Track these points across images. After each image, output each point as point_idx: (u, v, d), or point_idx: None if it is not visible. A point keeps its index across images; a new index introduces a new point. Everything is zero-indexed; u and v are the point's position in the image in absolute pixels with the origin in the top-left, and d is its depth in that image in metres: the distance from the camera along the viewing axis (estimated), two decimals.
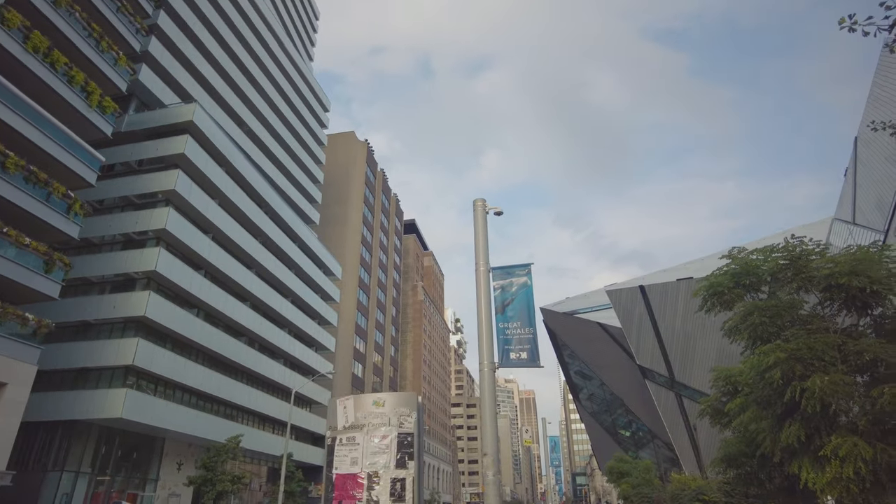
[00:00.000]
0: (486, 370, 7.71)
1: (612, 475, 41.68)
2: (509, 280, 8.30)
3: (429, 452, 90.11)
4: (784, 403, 8.15)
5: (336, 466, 7.92)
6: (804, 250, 8.62)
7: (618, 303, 56.97)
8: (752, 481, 15.01)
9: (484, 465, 7.24)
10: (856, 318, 8.40)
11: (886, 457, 7.14)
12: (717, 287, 9.25)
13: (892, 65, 36.21)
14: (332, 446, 7.94)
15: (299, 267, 49.55)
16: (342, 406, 8.15)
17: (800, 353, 7.64)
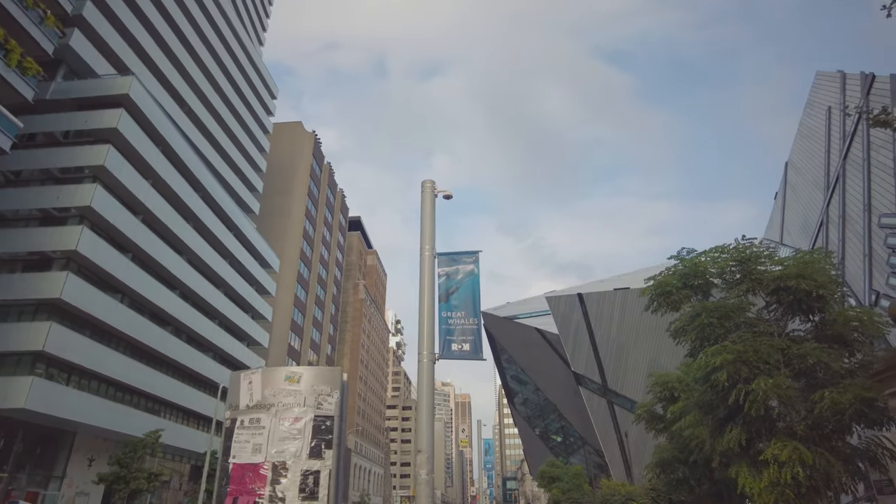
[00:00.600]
0: (426, 361, 7.17)
1: (543, 480, 41.94)
2: (455, 267, 7.80)
3: (360, 454, 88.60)
4: (727, 407, 8.03)
5: (234, 455, 6.13)
6: (754, 252, 8.58)
7: (556, 309, 57.71)
8: (683, 486, 15.12)
9: (417, 462, 6.68)
10: (798, 324, 8.40)
11: (824, 462, 7.08)
12: (665, 287, 9.10)
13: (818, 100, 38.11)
14: (232, 430, 6.35)
15: (235, 257, 47.57)
16: (246, 381, 6.53)
17: (746, 356, 7.52)
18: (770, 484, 7.48)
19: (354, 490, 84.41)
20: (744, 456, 8.14)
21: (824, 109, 36.38)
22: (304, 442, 6.10)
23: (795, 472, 7.01)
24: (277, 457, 6.04)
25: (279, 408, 6.30)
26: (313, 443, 6.15)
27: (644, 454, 47.63)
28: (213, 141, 48.97)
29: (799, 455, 7.05)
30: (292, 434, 6.14)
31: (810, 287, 7.84)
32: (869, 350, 7.73)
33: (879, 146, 26.04)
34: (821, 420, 7.45)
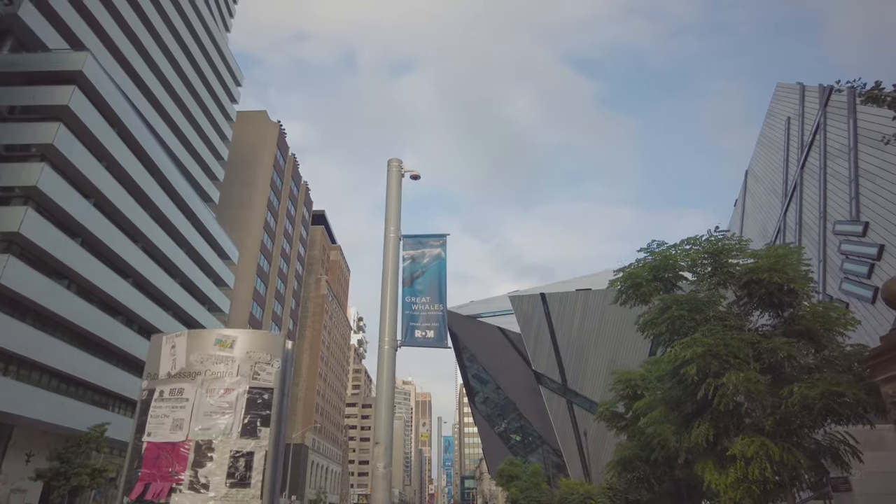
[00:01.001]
0: (388, 348, 6.76)
1: (501, 478, 41.94)
2: (421, 251, 7.41)
3: (318, 451, 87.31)
4: (695, 402, 7.87)
5: (149, 432, 5.02)
6: (726, 245, 8.48)
7: (519, 309, 57.94)
8: (644, 484, 15.09)
9: (374, 455, 6.26)
10: (767, 319, 8.34)
11: (792, 457, 6.97)
12: (635, 278, 8.92)
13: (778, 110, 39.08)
14: (148, 403, 5.20)
15: (192, 247, 46.05)
16: (169, 345, 5.40)
17: (716, 350, 7.37)
18: (736, 480, 7.36)
19: (311, 487, 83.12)
20: (710, 452, 8.01)
21: (784, 120, 37.29)
22: (236, 418, 5.00)
23: (763, 468, 6.88)
24: (202, 435, 4.92)
25: (207, 377, 5.14)
26: (247, 419, 5.07)
27: (602, 454, 48.13)
28: (174, 126, 47.31)
29: (766, 451, 6.93)
30: (221, 408, 5.02)
31: (782, 280, 7.76)
32: (835, 346, 7.69)
33: (835, 156, 26.78)
34: (788, 415, 7.36)
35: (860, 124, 24.71)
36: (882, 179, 21.44)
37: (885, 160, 21.69)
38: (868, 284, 20.18)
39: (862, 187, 22.73)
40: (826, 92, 29.70)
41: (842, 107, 27.21)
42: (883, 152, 22.25)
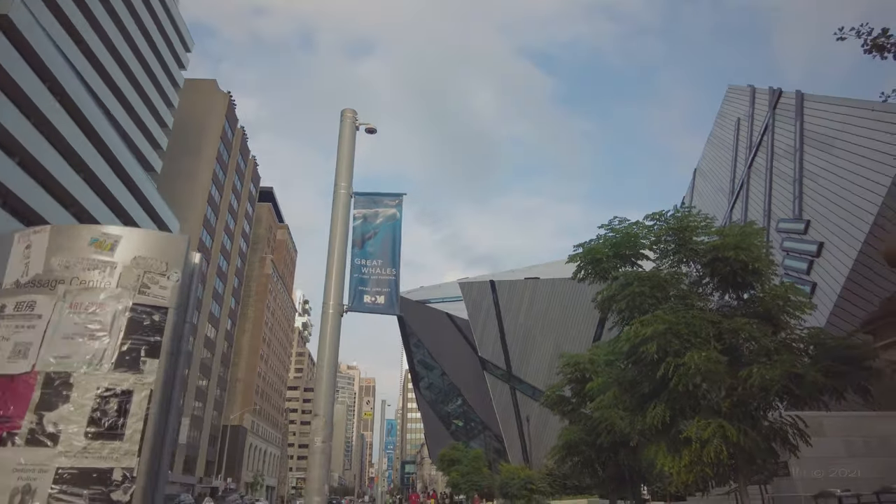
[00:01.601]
0: (332, 312, 6.21)
1: (442, 463, 41.98)
2: (374, 210, 6.87)
3: (257, 434, 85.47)
4: (653, 382, 7.69)
5: None
6: (692, 221, 8.31)
7: (468, 295, 58.06)
8: (587, 469, 15.12)
9: (312, 428, 5.72)
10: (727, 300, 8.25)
11: (749, 440, 6.88)
12: (595, 254, 8.66)
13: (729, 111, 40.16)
14: None
15: (130, 216, 43.66)
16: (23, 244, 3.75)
17: (677, 328, 7.19)
18: (690, 463, 7.22)
19: (249, 470, 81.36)
20: (664, 435, 7.87)
21: (734, 121, 38.28)
22: (111, 343, 3.46)
23: (719, 451, 6.76)
24: (57, 365, 3.34)
25: (73, 287, 3.57)
26: (126, 346, 3.52)
27: (543, 439, 48.92)
28: (115, 88, 44.52)
29: (724, 432, 6.80)
30: (90, 330, 3.44)
31: (748, 259, 7.66)
32: (792, 329, 7.66)
33: (781, 156, 27.64)
34: (746, 397, 7.28)
35: (807, 126, 25.48)
36: (824, 180, 22.17)
37: (829, 161, 22.42)
38: (807, 280, 20.86)
39: (805, 187, 23.46)
40: (776, 95, 30.53)
41: (790, 109, 28.02)
42: (827, 154, 22.98)
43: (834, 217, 20.76)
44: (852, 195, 19.92)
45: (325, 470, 5.66)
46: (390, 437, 51.91)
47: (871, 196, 19.30)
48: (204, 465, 64.66)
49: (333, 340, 6.13)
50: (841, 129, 22.54)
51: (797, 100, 27.62)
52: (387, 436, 40.81)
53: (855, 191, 19.99)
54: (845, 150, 21.74)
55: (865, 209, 19.27)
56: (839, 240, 20.04)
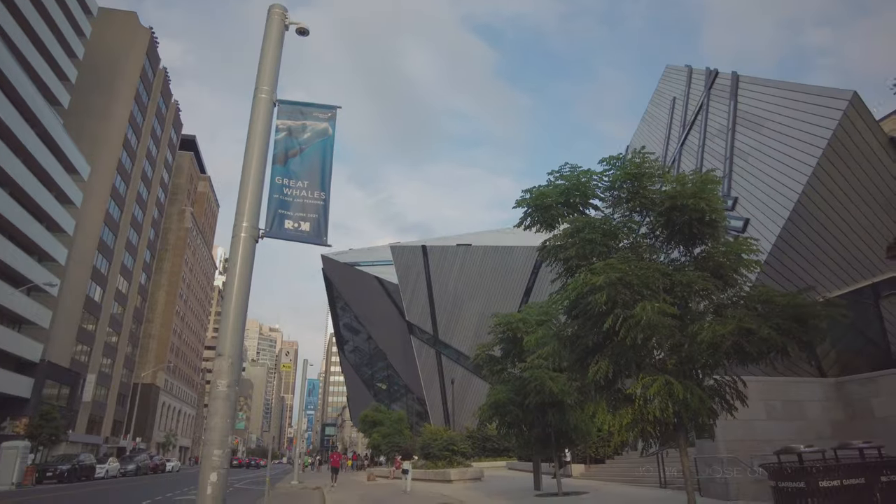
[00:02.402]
0: (245, 237, 5.29)
1: (364, 424, 41.57)
2: (302, 123, 5.93)
3: (171, 393, 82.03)
4: (598, 335, 7.26)
5: None
6: (648, 169, 7.86)
7: (399, 259, 57.34)
8: (514, 429, 14.93)
9: (216, 369, 4.85)
10: (677, 254, 7.91)
11: (695, 398, 6.59)
12: (544, 199, 8.09)
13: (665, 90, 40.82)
14: None
15: (30, 154, 39.55)
16: None
17: (629, 279, 6.75)
18: (633, 420, 6.89)
19: (160, 430, 78.12)
20: (605, 391, 7.52)
21: (669, 99, 38.90)
22: None
23: (664, 408, 6.43)
24: None
25: None
26: None
27: (465, 403, 49.48)
28: (12, 7, 39.63)
29: (670, 389, 6.47)
30: None
31: (708, 208, 7.31)
32: (740, 287, 7.42)
33: (714, 135, 28.27)
34: (693, 354, 6.98)
35: (740, 106, 26.08)
36: (754, 158, 22.76)
37: (759, 140, 23.00)
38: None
39: (735, 165, 24.05)
40: (712, 75, 31.10)
41: (725, 89, 28.61)
42: (757, 133, 23.57)
43: (761, 195, 21.38)
44: (780, 174, 20.52)
45: (230, 420, 4.81)
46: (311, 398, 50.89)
47: (797, 175, 19.92)
48: (111, 424, 61.30)
49: (245, 270, 5.23)
50: (772, 111, 23.15)
51: (732, 80, 28.22)
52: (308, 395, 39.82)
53: (782, 170, 20.60)
54: (775, 130, 22.35)
55: (791, 188, 19.89)
56: (764, 216, 20.68)
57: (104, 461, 39.17)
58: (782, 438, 11.95)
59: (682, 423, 6.91)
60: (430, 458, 25.12)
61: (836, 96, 19.30)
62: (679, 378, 6.79)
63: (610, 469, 19.41)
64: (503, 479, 21.16)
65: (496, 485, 18.75)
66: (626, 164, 7.75)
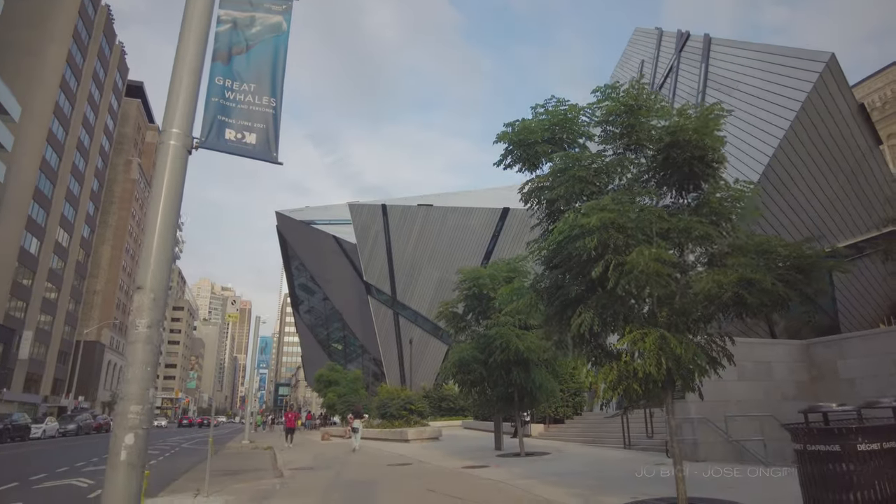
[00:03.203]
0: (175, 145, 4.28)
1: (319, 384, 40.86)
2: (250, 15, 4.87)
3: (117, 351, 79.22)
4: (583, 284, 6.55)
5: None
6: (646, 102, 7.08)
7: (358, 218, 55.93)
8: (477, 388, 14.39)
9: (135, 306, 3.89)
10: (669, 200, 7.23)
11: (688, 354, 5.99)
12: (528, 134, 7.23)
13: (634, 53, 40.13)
14: None
15: None
16: None
17: (622, 222, 6.03)
18: (618, 378, 6.26)
19: (105, 389, 75.56)
20: (585, 346, 6.87)
21: (638, 62, 38.30)
22: None
23: (658, 364, 5.82)
24: None
25: None
26: None
27: (422, 363, 49.28)
28: None
29: (663, 344, 5.84)
30: None
31: (713, 143, 6.61)
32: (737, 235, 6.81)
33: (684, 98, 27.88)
34: (686, 306, 6.37)
35: (711, 69, 25.67)
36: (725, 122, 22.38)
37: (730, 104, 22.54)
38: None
39: None
40: (683, 37, 30.54)
41: (696, 52, 28.14)
42: (728, 96, 23.16)
43: (732, 159, 21.06)
44: (751, 137, 20.24)
45: (151, 369, 3.88)
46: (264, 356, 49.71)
47: (769, 139, 19.67)
48: (52, 383, 58.68)
49: (174, 186, 4.22)
50: (745, 73, 22.79)
51: (704, 43, 27.73)
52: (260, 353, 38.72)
53: (754, 133, 20.32)
54: (747, 93, 22.02)
55: (762, 151, 19.66)
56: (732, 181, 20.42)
57: (42, 420, 37.33)
58: (750, 399, 11.78)
59: (673, 380, 6.34)
60: (387, 418, 24.63)
61: (813, 58, 18.97)
62: (674, 330, 6.18)
63: (569, 429, 19.29)
64: (461, 439, 20.87)
65: (455, 444, 18.38)
66: (622, 94, 6.95)
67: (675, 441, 6.60)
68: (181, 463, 16.73)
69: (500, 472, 10.80)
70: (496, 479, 9.87)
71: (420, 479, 10.49)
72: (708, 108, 6.94)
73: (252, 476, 12.58)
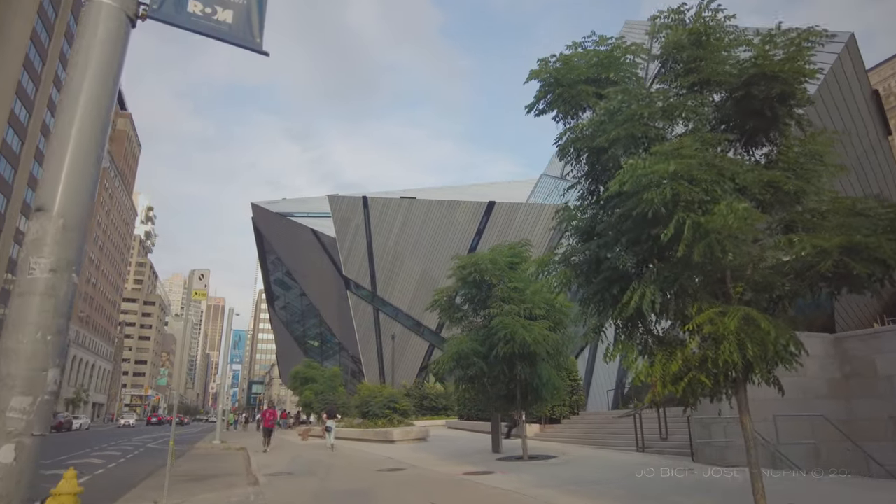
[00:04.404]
0: (112, 7, 2.78)
1: (295, 381, 39.09)
2: None
3: (83, 345, 76.05)
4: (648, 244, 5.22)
5: None
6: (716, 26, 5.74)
7: (337, 210, 54.11)
8: (476, 384, 13.03)
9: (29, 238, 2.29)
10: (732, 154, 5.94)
11: (786, 338, 4.74)
12: (568, 70, 5.90)
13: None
14: None
15: None
16: None
17: (698, 174, 4.74)
18: (681, 369, 4.98)
19: (69, 385, 72.36)
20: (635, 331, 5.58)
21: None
22: None
23: (744, 348, 4.55)
24: None
25: None
26: None
27: (402, 361, 47.78)
28: None
29: (748, 326, 4.57)
30: None
31: (807, 74, 5.29)
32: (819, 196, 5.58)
33: None
34: (770, 279, 5.11)
35: None
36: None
37: None
38: None
39: None
40: None
41: None
42: None
43: None
44: None
45: (56, 339, 2.43)
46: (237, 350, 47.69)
47: None
48: None
49: (106, 63, 2.81)
50: None
51: None
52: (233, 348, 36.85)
53: None
54: None
55: None
56: None
57: None
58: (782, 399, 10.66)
59: (754, 371, 5.08)
60: (369, 417, 23.12)
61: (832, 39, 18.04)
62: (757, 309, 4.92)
63: (567, 430, 18.05)
64: (450, 440, 19.50)
65: (446, 446, 17.00)
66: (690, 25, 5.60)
67: (751, 447, 5.34)
68: (143, 466, 15.06)
69: (509, 480, 9.46)
70: (507, 489, 8.54)
71: (419, 489, 9.09)
72: (803, 32, 5.63)
73: (222, 482, 11.05)
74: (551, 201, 45.08)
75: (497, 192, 52.79)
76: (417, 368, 48.43)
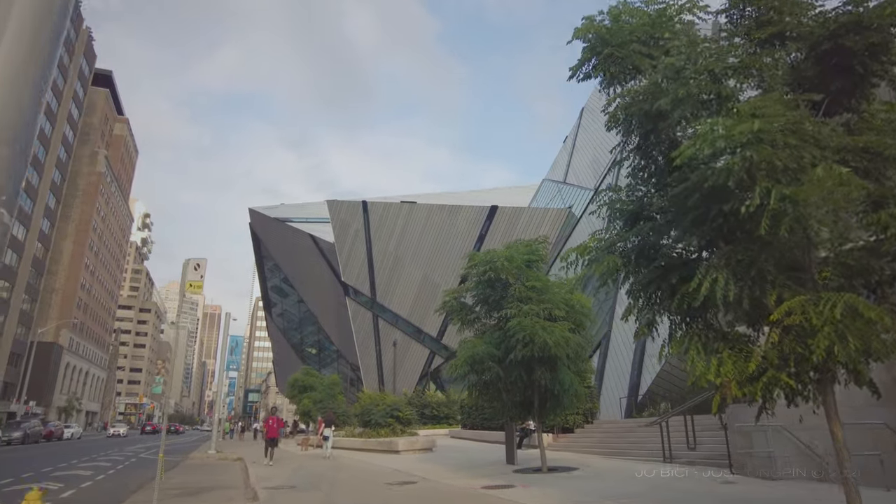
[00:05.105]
0: None
1: (293, 389, 38.11)
2: None
3: (76, 353, 74.92)
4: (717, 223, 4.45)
5: None
6: None
7: (336, 215, 53.32)
8: (491, 390, 12.20)
9: None
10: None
11: (891, 322, 3.97)
12: (620, 33, 5.17)
13: None
14: None
15: None
16: None
17: (779, 137, 4.00)
18: (758, 369, 4.21)
19: (62, 393, 71.15)
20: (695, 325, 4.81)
21: None
22: None
23: (845, 344, 3.79)
24: None
25: None
26: None
27: (403, 368, 46.85)
28: None
29: (850, 316, 3.81)
30: None
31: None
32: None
33: None
34: (870, 261, 4.36)
35: None
36: None
37: None
38: None
39: None
40: None
41: None
42: None
43: None
44: None
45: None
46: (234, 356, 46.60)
47: None
48: (1, 386, 54.59)
49: None
50: None
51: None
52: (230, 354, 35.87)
53: None
54: None
55: None
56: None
57: None
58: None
59: (848, 368, 4.32)
60: (371, 426, 22.24)
61: None
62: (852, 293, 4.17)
63: (582, 439, 17.21)
64: (457, 450, 18.62)
65: (455, 457, 16.14)
66: None
67: (845, 459, 4.56)
68: (134, 478, 14.16)
69: (532, 495, 8.63)
70: None
71: None
72: None
73: (218, 497, 10.19)
74: (554, 206, 44.48)
75: (498, 198, 52.14)
76: (418, 376, 47.51)
